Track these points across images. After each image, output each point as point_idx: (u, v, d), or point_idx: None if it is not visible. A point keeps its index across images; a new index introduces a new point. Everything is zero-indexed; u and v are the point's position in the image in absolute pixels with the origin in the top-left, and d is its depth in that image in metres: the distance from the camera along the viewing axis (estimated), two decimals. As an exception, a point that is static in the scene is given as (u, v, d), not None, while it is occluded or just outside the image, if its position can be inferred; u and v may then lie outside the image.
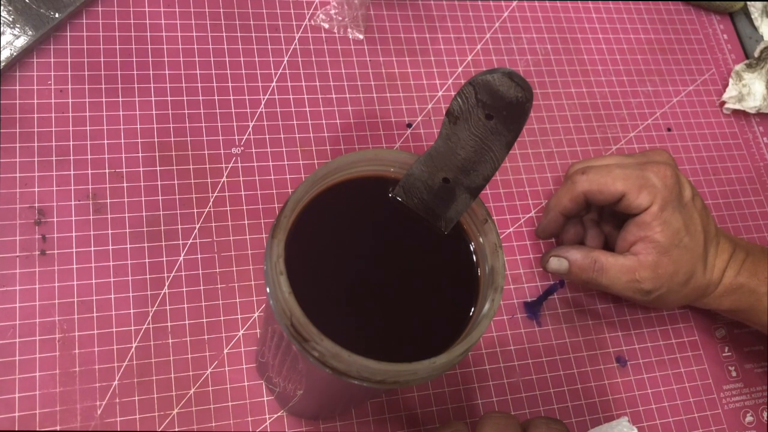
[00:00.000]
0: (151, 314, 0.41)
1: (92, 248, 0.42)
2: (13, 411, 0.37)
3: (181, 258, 0.43)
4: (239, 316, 0.42)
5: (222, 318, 0.42)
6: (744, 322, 0.48)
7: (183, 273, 0.42)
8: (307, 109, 0.49)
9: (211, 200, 0.45)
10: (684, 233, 0.43)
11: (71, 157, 0.43)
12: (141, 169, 0.44)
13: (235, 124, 0.47)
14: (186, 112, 0.47)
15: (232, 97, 0.48)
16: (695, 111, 0.58)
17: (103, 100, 0.46)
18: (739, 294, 0.45)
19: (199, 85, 0.48)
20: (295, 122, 0.49)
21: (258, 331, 0.42)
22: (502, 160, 0.28)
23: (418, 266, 0.31)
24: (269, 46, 0.50)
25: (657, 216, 0.42)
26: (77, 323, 0.40)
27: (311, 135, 0.48)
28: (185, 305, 0.42)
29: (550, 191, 0.52)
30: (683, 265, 0.43)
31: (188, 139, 0.46)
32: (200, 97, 0.47)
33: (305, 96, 0.50)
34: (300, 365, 0.30)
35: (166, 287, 0.42)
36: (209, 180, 0.45)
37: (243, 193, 0.45)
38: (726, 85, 0.60)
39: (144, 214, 0.43)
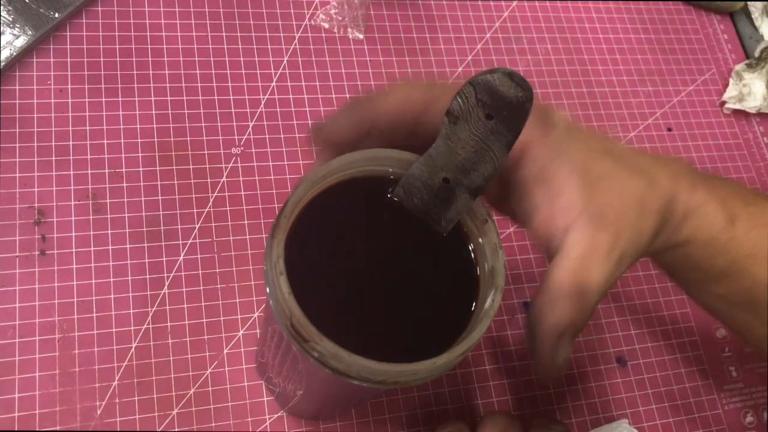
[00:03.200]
0: (150, 314, 0.41)
1: (92, 248, 0.42)
2: (13, 411, 0.37)
3: (181, 258, 0.43)
4: (239, 316, 0.42)
5: (222, 318, 0.42)
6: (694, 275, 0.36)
7: (183, 273, 0.42)
8: (307, 109, 0.49)
9: (211, 200, 0.45)
10: (595, 154, 0.31)
11: (71, 157, 0.43)
12: (141, 169, 0.44)
13: (235, 124, 0.47)
14: (186, 112, 0.47)
15: (232, 97, 0.48)
16: (695, 111, 0.58)
17: (103, 100, 0.45)
18: (702, 217, 0.33)
19: (199, 85, 0.48)
20: (295, 122, 0.48)
21: (258, 331, 0.42)
22: (502, 160, 0.28)
23: (418, 266, 0.31)
24: (269, 46, 0.50)
25: (542, 143, 0.30)
26: (77, 323, 0.40)
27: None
28: (185, 305, 0.42)
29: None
30: (624, 191, 0.30)
31: (188, 139, 0.46)
32: (200, 97, 0.47)
33: (305, 96, 0.50)
34: (300, 365, 0.30)
35: (165, 287, 0.42)
36: (209, 180, 0.45)
37: (243, 193, 0.45)
38: (726, 85, 0.60)
39: (144, 214, 0.43)
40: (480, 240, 0.30)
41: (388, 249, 0.31)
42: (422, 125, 0.30)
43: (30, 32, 0.45)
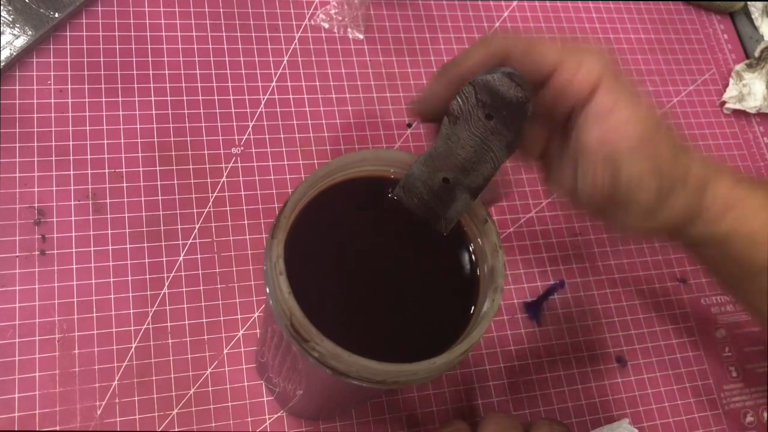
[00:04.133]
0: (150, 314, 0.41)
1: (92, 248, 0.42)
2: (13, 411, 0.37)
3: (181, 258, 0.43)
4: (239, 316, 0.42)
5: (222, 318, 0.42)
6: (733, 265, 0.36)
7: (183, 273, 0.42)
8: (307, 109, 0.49)
9: (211, 200, 0.45)
10: (655, 122, 0.31)
11: (71, 157, 0.43)
12: (141, 169, 0.44)
13: (235, 124, 0.47)
14: (186, 112, 0.47)
15: (232, 97, 0.48)
16: (695, 111, 0.58)
17: (103, 100, 0.45)
18: (743, 210, 0.34)
19: (199, 85, 0.48)
20: (295, 122, 0.48)
21: (258, 331, 0.42)
22: (502, 161, 0.28)
23: (419, 266, 0.31)
24: (269, 46, 0.50)
25: (618, 96, 0.30)
26: (77, 323, 0.40)
27: (311, 135, 0.48)
28: (185, 305, 0.42)
29: (550, 191, 0.51)
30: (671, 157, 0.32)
31: (188, 139, 0.46)
32: (200, 97, 0.47)
33: (305, 96, 0.50)
34: (300, 365, 0.30)
35: (165, 287, 0.42)
36: (209, 180, 0.45)
37: (243, 193, 0.45)
38: (726, 85, 0.60)
39: (144, 214, 0.43)
40: (480, 240, 0.30)
41: (388, 249, 0.31)
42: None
43: (30, 32, 0.45)
